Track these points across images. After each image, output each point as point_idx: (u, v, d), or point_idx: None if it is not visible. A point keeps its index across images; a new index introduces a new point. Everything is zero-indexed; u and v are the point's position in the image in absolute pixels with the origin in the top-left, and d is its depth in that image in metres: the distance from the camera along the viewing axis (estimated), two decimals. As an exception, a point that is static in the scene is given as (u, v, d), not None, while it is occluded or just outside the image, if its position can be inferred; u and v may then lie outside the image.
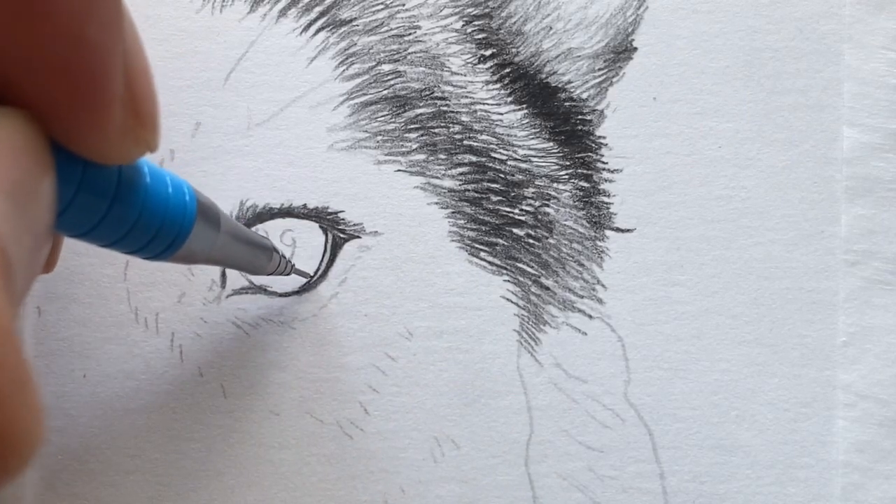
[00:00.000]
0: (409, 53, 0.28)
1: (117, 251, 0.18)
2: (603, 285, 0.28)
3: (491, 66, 0.28)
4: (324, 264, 0.28)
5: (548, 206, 0.28)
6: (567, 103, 0.28)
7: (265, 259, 0.24)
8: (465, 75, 0.28)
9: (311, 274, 0.28)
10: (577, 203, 0.28)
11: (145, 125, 0.16)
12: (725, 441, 0.28)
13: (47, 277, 0.27)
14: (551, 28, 0.28)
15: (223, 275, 0.28)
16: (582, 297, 0.28)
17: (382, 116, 0.28)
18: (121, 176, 0.17)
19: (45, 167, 0.15)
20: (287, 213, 0.28)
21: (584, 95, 0.29)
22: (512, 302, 0.28)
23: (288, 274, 0.26)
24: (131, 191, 0.17)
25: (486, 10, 0.28)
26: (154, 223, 0.18)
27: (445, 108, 0.28)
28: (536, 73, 0.28)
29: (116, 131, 0.15)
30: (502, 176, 0.28)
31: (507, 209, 0.28)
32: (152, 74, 0.16)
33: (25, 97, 0.14)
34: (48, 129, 0.15)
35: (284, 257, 0.26)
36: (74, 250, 0.27)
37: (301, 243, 0.28)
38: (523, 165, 0.28)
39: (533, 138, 0.28)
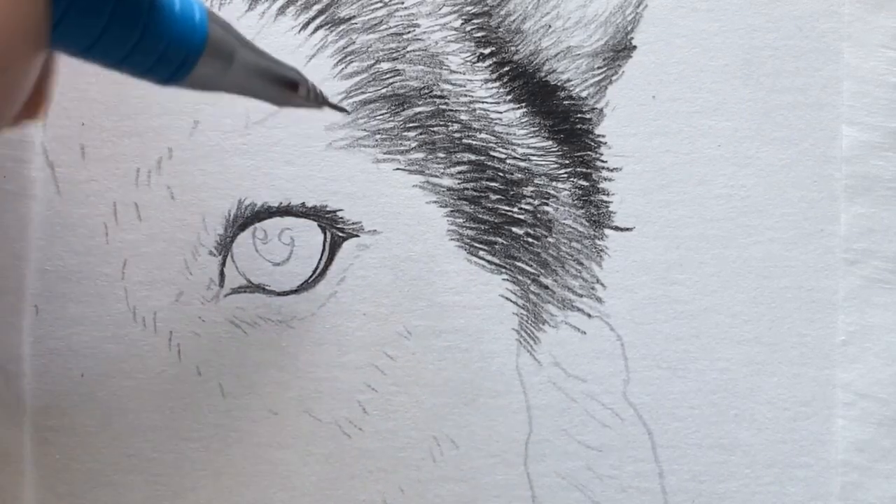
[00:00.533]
0: (408, 52, 0.28)
1: (123, 72, 0.17)
2: (602, 284, 0.28)
3: (490, 65, 0.28)
4: (322, 263, 0.28)
5: (547, 204, 0.28)
6: (566, 102, 0.28)
7: (290, 90, 0.22)
8: (464, 73, 0.28)
9: (346, 109, 0.27)
10: (576, 202, 0.28)
11: None
12: (724, 440, 0.28)
13: (45, 276, 0.27)
14: (550, 26, 0.28)
15: (221, 273, 0.27)
16: (581, 295, 0.28)
17: (381, 115, 0.28)
18: None
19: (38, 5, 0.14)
20: (285, 211, 0.28)
21: (584, 94, 0.28)
22: (511, 301, 0.28)
23: (320, 107, 0.24)
24: (133, 1, 0.16)
25: (485, 9, 0.28)
26: (160, 41, 0.17)
27: (444, 107, 0.28)
28: (535, 71, 0.28)
29: None
30: (501, 174, 0.28)
31: (506, 208, 0.28)
32: None
33: None
34: None
35: (314, 88, 0.23)
36: (73, 249, 0.27)
37: (299, 242, 0.28)
38: (522, 164, 0.28)
39: (532, 137, 0.28)
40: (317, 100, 0.23)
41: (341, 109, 0.26)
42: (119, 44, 0.16)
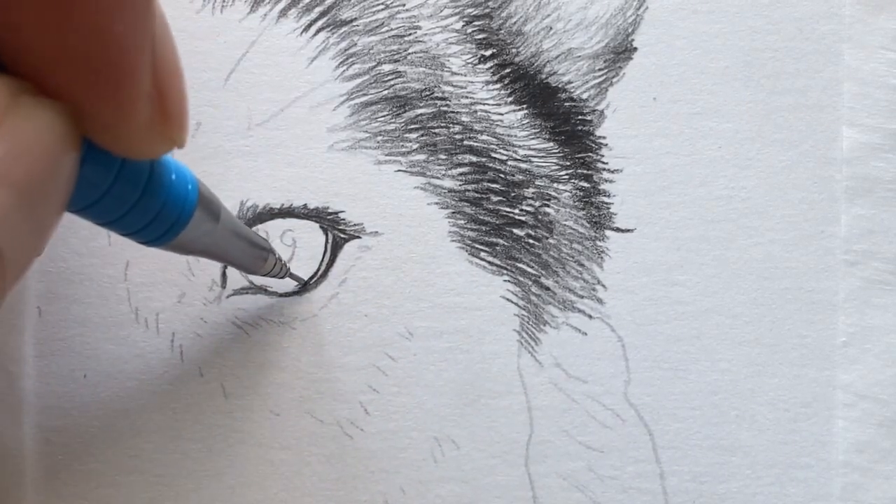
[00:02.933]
0: (410, 54, 0.28)
1: (114, 231, 0.18)
2: (603, 285, 0.28)
3: (491, 67, 0.28)
4: (324, 264, 0.28)
5: (548, 206, 0.28)
6: (567, 103, 0.29)
7: (261, 259, 0.24)
8: (465, 75, 0.28)
9: (305, 279, 0.28)
10: (577, 203, 0.28)
11: (172, 122, 0.16)
12: (725, 441, 0.28)
13: (48, 277, 0.27)
14: (551, 28, 0.28)
15: (223, 275, 0.28)
16: (582, 297, 0.28)
17: (383, 117, 0.28)
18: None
19: (69, 166, 0.15)
20: (287, 213, 0.28)
21: (585, 96, 0.29)
22: (512, 302, 0.28)
23: (282, 277, 0.26)
24: (135, 171, 0.17)
25: (487, 11, 0.28)
26: (154, 206, 0.18)
27: (446, 109, 0.28)
28: (537, 73, 0.28)
29: (142, 127, 0.16)
30: (502, 176, 0.28)
31: (508, 209, 0.28)
32: (182, 72, 0.16)
33: (54, 91, 0.14)
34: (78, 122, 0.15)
35: (281, 260, 0.26)
36: (75, 251, 0.27)
37: (301, 243, 0.28)
38: (523, 166, 0.28)
39: (533, 138, 0.28)
40: (282, 270, 0.26)
41: (299, 280, 0.27)
42: (117, 205, 0.17)
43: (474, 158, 0.28)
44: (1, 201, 0.13)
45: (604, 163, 0.28)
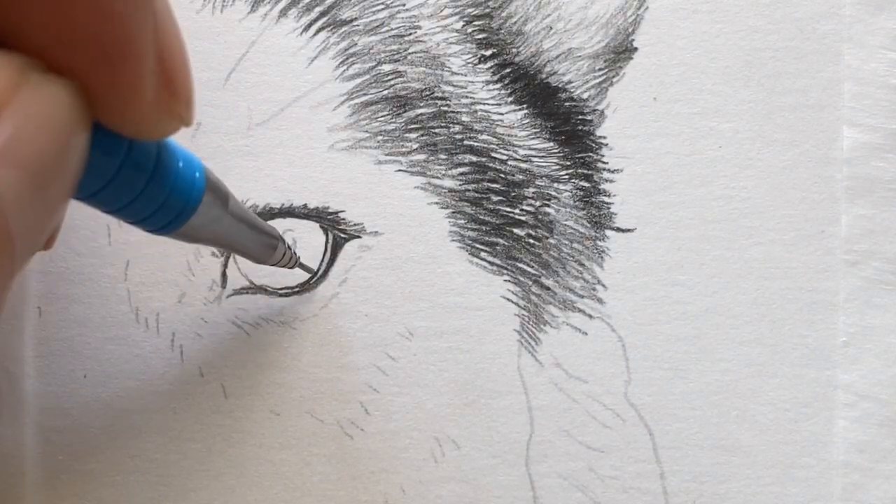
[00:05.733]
0: (410, 53, 0.28)
1: (121, 219, 0.18)
2: (603, 285, 0.28)
3: (491, 66, 0.28)
4: (324, 264, 0.28)
5: (548, 206, 0.28)
6: (567, 103, 0.29)
7: (270, 248, 0.24)
8: (465, 75, 0.28)
9: (315, 270, 0.27)
10: (577, 203, 0.28)
11: (179, 99, 0.16)
12: (726, 441, 0.28)
13: (48, 277, 0.27)
14: (552, 28, 0.28)
15: (223, 275, 0.28)
16: (582, 296, 0.28)
17: (383, 116, 0.28)
18: (132, 141, 0.17)
19: (80, 145, 0.15)
20: (287, 213, 0.28)
21: (585, 95, 0.29)
22: (512, 302, 0.28)
23: (292, 267, 0.26)
24: (143, 157, 0.17)
25: (487, 11, 0.28)
26: (161, 193, 0.18)
27: (446, 108, 0.28)
28: (537, 73, 0.28)
29: (149, 106, 0.15)
30: (503, 176, 0.28)
31: (508, 209, 0.28)
32: (186, 48, 0.16)
33: (61, 70, 0.14)
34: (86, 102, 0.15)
35: (290, 249, 0.25)
36: (75, 251, 0.27)
37: (302, 243, 0.28)
38: (524, 165, 0.28)
39: (533, 138, 0.28)
40: (291, 260, 0.26)
41: (309, 270, 0.27)
42: (124, 192, 0.17)
43: (474, 158, 0.28)
44: (11, 182, 0.13)
45: (604, 163, 0.28)
